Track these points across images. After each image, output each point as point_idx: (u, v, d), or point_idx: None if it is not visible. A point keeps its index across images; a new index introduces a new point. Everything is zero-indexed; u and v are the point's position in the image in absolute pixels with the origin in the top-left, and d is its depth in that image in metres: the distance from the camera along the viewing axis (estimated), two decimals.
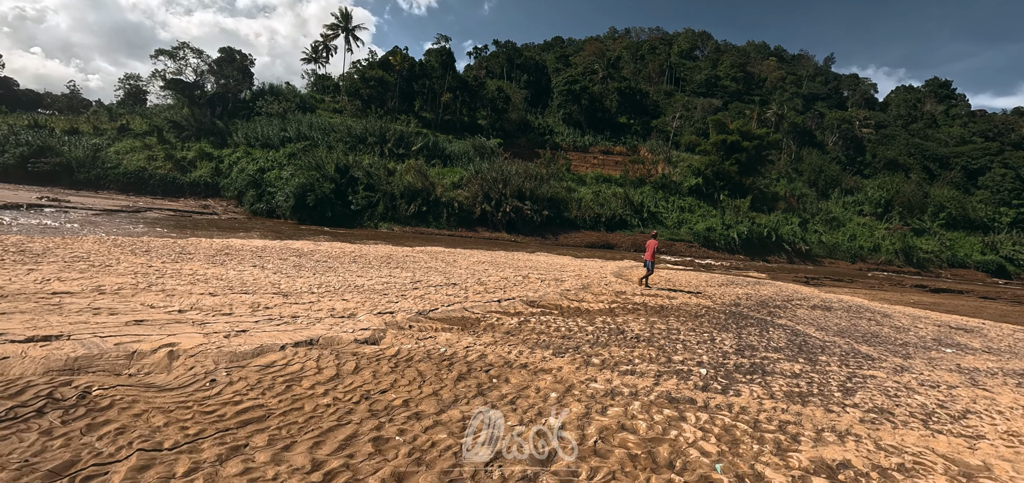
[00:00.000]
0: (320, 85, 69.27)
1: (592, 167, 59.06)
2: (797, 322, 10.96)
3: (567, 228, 44.27)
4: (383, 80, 60.05)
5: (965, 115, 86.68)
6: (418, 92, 65.71)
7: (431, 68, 66.60)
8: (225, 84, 52.12)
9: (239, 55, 53.97)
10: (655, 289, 15.04)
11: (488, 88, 67.22)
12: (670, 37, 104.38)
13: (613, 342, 7.71)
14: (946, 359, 8.84)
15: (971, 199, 65.94)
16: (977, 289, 38.73)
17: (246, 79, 54.26)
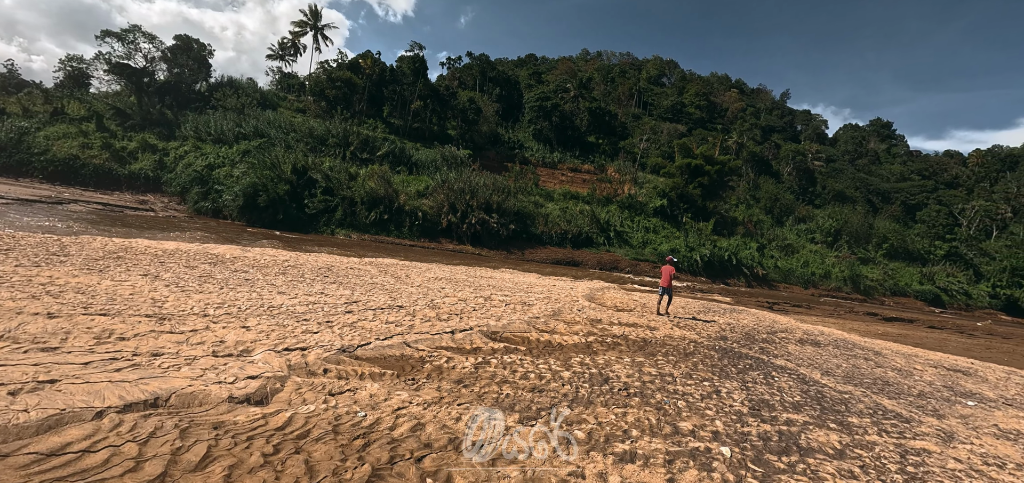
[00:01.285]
0: (285, 83, 65.40)
1: (560, 183, 57.79)
2: (797, 363, 9.34)
3: (534, 243, 42.49)
4: (351, 82, 57.03)
5: (904, 154, 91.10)
6: (388, 98, 62.98)
7: (402, 74, 64.10)
8: (179, 74, 47.86)
9: (197, 44, 49.79)
10: (675, 318, 13.40)
11: (460, 98, 65.24)
12: (640, 63, 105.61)
13: (598, 397, 5.72)
14: (977, 416, 7.32)
15: (910, 232, 68.54)
16: (920, 318, 39.30)
17: (203, 70, 50.12)
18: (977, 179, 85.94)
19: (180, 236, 20.44)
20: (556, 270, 33.84)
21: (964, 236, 68.87)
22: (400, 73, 64.14)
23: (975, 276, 60.81)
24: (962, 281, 59.52)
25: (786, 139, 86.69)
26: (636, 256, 45.04)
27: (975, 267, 62.12)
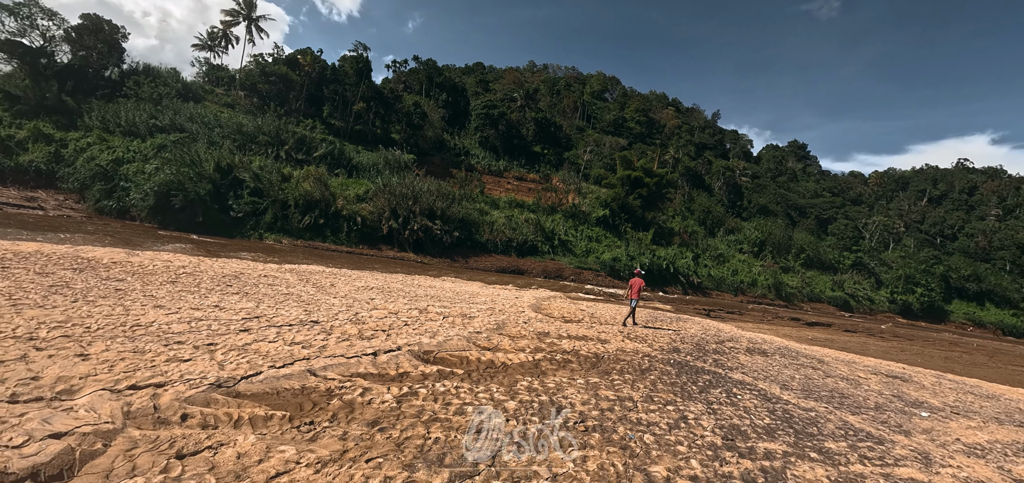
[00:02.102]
0: (213, 76, 59.97)
1: (506, 191, 56.99)
2: (754, 377, 8.74)
3: (478, 251, 41.20)
4: (288, 78, 53.17)
5: (817, 173, 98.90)
6: (328, 98, 59.44)
7: (345, 74, 60.81)
8: (85, 56, 42.15)
9: (108, 25, 44.18)
10: (641, 329, 12.92)
11: (405, 102, 62.91)
12: (584, 77, 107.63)
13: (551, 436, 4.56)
14: (937, 429, 6.92)
15: (822, 243, 73.91)
16: (835, 322, 41.90)
17: (114, 54, 44.44)
18: (876, 197, 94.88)
19: (57, 237, 17.24)
20: (501, 278, 32.75)
21: (867, 247, 75.33)
22: (342, 73, 60.82)
23: (876, 283, 66.48)
24: (866, 288, 64.89)
25: (717, 156, 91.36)
26: (580, 264, 44.94)
27: (876, 275, 67.96)
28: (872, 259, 71.59)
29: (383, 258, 34.72)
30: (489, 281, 27.57)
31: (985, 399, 10.26)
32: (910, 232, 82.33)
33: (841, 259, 70.56)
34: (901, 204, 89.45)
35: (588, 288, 37.16)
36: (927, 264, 67.62)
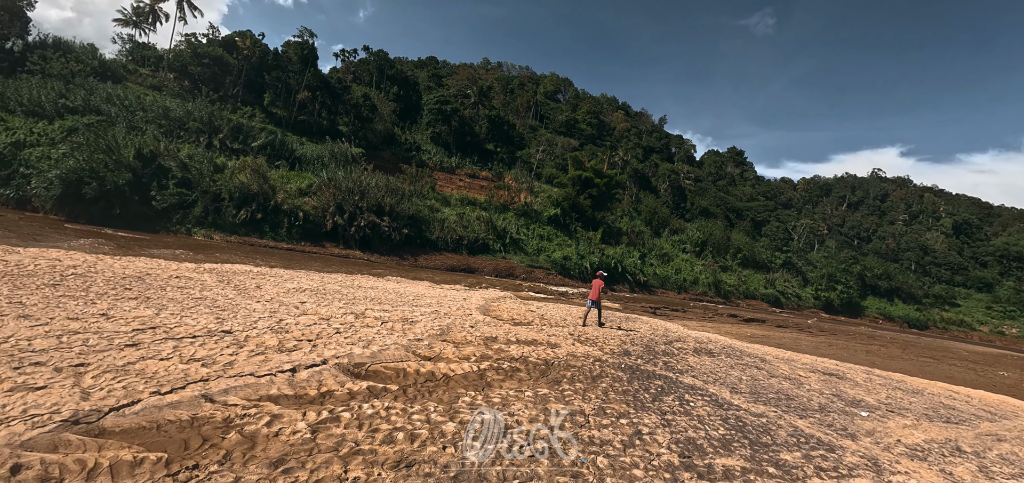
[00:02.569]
0: (138, 55, 54.58)
1: (458, 189, 55.96)
2: (704, 380, 8.57)
3: (428, 249, 40.02)
4: (224, 62, 49.29)
5: (753, 179, 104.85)
6: (270, 85, 55.84)
7: (288, 61, 57.38)
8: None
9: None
10: (591, 331, 12.49)
11: (354, 94, 60.29)
12: (538, 78, 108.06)
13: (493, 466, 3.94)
14: (878, 431, 6.93)
15: (757, 244, 78.31)
16: (768, 318, 44.29)
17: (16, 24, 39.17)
18: (804, 202, 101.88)
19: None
20: (451, 277, 31.86)
21: (795, 248, 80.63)
22: (286, 59, 57.36)
23: (803, 281, 71.24)
24: (795, 286, 69.37)
25: (663, 159, 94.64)
26: (531, 263, 44.79)
27: (803, 274, 72.83)
28: (800, 259, 76.71)
29: (326, 256, 32.86)
30: (438, 280, 26.67)
31: (911, 394, 10.71)
32: (832, 234, 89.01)
33: (773, 259, 75.02)
34: (825, 209, 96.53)
35: (540, 287, 37.00)
36: (846, 264, 73.24)
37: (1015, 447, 7.47)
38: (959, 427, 8.21)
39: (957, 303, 78.44)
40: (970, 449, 6.89)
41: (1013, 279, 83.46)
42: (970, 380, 21.74)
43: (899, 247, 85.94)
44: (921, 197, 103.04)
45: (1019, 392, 20.81)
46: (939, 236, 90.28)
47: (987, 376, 24.14)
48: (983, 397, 13.00)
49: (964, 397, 12.03)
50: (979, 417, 9.53)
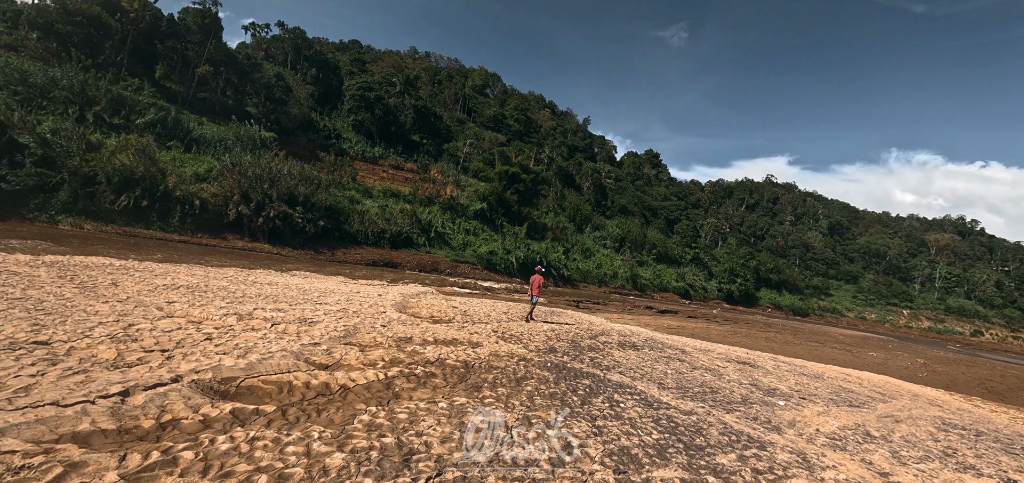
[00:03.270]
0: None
1: (381, 180, 53.39)
2: (632, 376, 8.47)
3: (348, 242, 37.62)
4: (103, 23, 42.42)
5: (667, 180, 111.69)
6: (163, 55, 49.19)
7: (186, 29, 50.97)
8: None
9: None
10: (516, 327, 12.06)
11: (265, 72, 55.11)
12: (466, 70, 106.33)
13: None
14: (798, 421, 7.21)
15: (670, 241, 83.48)
16: (680, 309, 47.36)
17: None
18: (710, 203, 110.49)
19: None
20: (371, 273, 30.09)
21: (702, 245, 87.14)
22: (183, 27, 50.91)
23: (709, 275, 77.22)
24: (701, 279, 74.97)
25: (586, 158, 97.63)
26: (456, 258, 43.86)
27: (708, 268, 78.91)
28: (706, 255, 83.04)
29: (227, 249, 29.59)
30: (356, 275, 24.95)
31: (815, 380, 11.50)
32: (733, 232, 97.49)
33: (683, 254, 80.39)
34: (727, 209, 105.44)
35: (466, 282, 36.22)
36: (744, 259, 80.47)
37: (911, 428, 8.12)
38: (862, 411, 8.83)
39: (831, 293, 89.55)
40: (878, 433, 7.39)
41: (873, 272, 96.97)
42: (850, 361, 24.47)
43: (787, 244, 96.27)
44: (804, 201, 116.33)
45: (888, 370, 23.71)
46: (818, 235, 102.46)
47: (861, 357, 27.41)
48: (870, 379, 14.44)
49: (856, 380, 13.23)
50: (874, 399, 10.41)
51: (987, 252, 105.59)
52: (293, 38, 70.34)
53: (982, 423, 10.16)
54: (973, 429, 9.20)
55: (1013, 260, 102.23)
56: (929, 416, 9.83)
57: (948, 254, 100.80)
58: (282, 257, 30.27)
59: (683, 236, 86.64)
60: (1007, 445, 8.23)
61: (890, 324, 79.43)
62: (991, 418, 11.33)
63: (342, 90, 67.92)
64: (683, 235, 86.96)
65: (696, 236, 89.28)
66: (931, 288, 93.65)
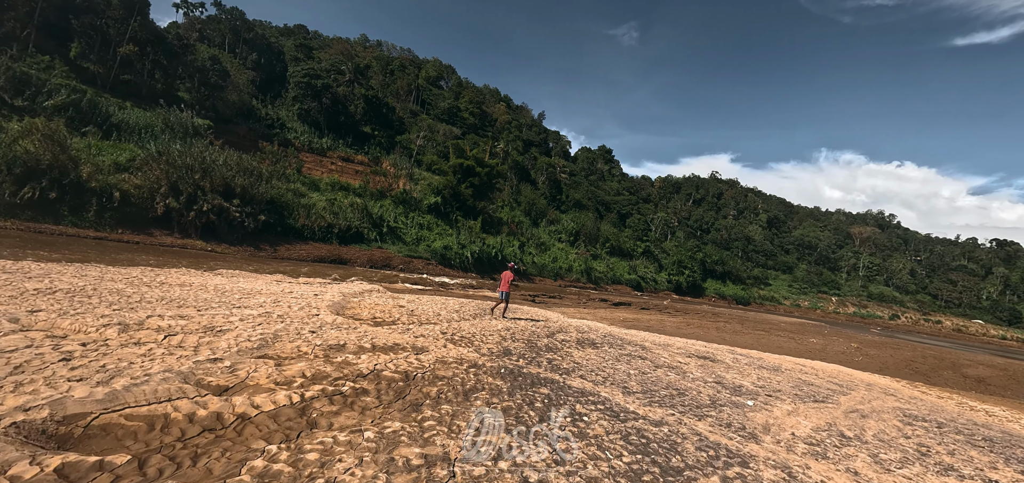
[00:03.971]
0: None
1: (329, 172, 50.79)
2: (594, 381, 7.88)
3: (292, 238, 35.40)
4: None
5: (619, 175, 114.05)
6: (79, 32, 44.16)
7: (106, 5, 46.04)
8: None
9: None
10: (468, 326, 11.34)
11: (199, 55, 50.83)
12: (420, 61, 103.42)
13: None
14: (771, 425, 6.93)
15: (622, 234, 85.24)
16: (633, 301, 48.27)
17: None
18: (660, 197, 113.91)
19: None
20: (318, 270, 28.36)
21: (653, 238, 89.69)
22: (103, 2, 45.96)
23: (659, 267, 79.53)
24: (652, 271, 77.07)
25: (541, 153, 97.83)
26: (410, 253, 42.44)
27: (659, 261, 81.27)
28: (656, 248, 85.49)
29: (153, 246, 26.95)
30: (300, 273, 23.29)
31: (774, 372, 11.52)
32: (681, 226, 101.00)
33: (635, 247, 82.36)
34: (676, 204, 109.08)
35: (419, 278, 34.98)
36: (692, 252, 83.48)
37: (879, 423, 8.12)
38: (827, 406, 8.79)
39: (769, 283, 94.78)
40: (851, 433, 7.22)
41: (806, 263, 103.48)
42: (795, 349, 25.54)
43: (730, 237, 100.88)
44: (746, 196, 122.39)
45: (829, 355, 24.91)
46: (758, 229, 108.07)
47: (804, 343, 28.75)
48: (823, 368, 14.83)
49: (811, 371, 13.47)
50: (833, 391, 10.51)
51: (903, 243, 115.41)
52: (231, 19, 65.53)
53: (938, 413, 10.48)
54: (933, 420, 9.38)
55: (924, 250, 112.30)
56: (889, 408, 9.98)
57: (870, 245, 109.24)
58: (217, 255, 27.92)
59: (635, 230, 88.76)
60: (969, 437, 8.41)
61: (821, 310, 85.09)
62: (942, 406, 11.81)
63: (286, 77, 64.05)
64: (635, 229, 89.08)
65: (647, 230, 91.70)
66: (856, 276, 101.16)
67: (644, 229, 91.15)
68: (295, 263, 30.93)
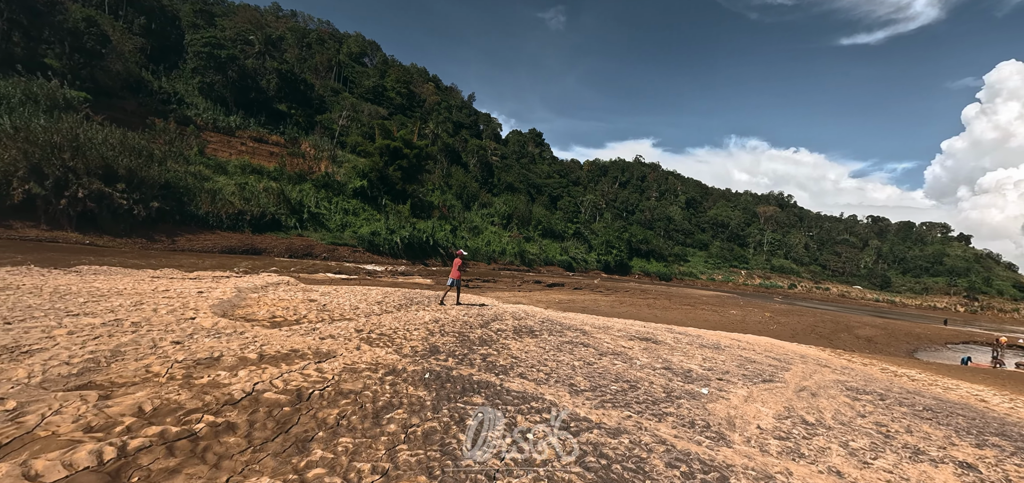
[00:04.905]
0: None
1: (239, 154, 46.17)
2: (536, 380, 6.98)
3: (195, 227, 31.73)
4: None
5: (550, 159, 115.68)
6: None
7: None
8: None
9: None
10: (390, 320, 10.11)
11: (71, 15, 43.44)
12: (341, 36, 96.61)
13: None
14: (734, 417, 6.55)
15: (554, 216, 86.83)
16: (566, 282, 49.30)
17: None
18: (588, 180, 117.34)
19: None
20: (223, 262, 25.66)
21: (583, 220, 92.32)
22: None
23: (589, 248, 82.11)
24: (582, 251, 79.40)
25: (472, 135, 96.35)
26: (334, 240, 39.91)
27: (588, 241, 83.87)
28: (586, 229, 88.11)
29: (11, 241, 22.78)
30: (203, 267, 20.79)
31: (715, 351, 11.69)
32: (609, 208, 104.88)
33: (566, 229, 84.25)
34: (603, 186, 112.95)
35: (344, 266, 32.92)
36: (619, 232, 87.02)
37: (830, 402, 8.03)
38: (776, 386, 8.71)
39: (688, 259, 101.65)
40: (812, 418, 6.92)
41: (719, 240, 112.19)
42: (722, 322, 27.19)
43: (653, 217, 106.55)
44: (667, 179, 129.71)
45: (749, 325, 26.73)
46: (677, 209, 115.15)
47: (726, 316, 30.80)
48: (756, 342, 15.54)
49: (747, 346, 13.96)
50: (775, 368, 10.66)
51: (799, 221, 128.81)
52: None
53: (872, 383, 10.81)
54: (874, 392, 9.55)
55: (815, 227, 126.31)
56: (829, 381, 10.11)
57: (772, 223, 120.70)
58: (96, 249, 24.22)
59: (565, 212, 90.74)
60: (912, 408, 8.54)
61: (732, 283, 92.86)
62: (872, 374, 12.43)
63: (184, 47, 56.93)
64: (565, 211, 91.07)
65: (577, 212, 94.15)
66: (761, 251, 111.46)
67: (574, 211, 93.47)
68: (198, 255, 27.75)
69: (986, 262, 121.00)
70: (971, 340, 34.60)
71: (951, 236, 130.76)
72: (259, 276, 15.97)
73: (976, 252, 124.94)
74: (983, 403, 10.46)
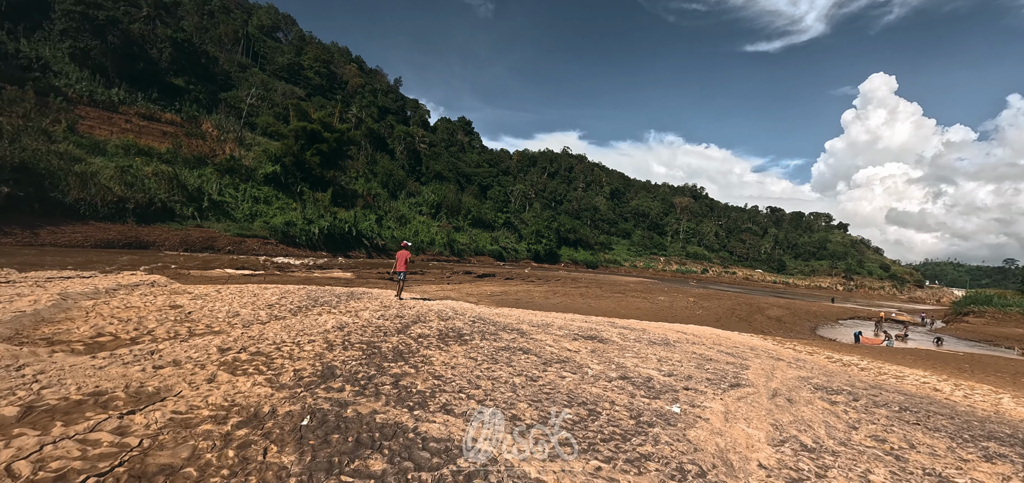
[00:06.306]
0: None
1: (123, 132, 40.20)
2: (465, 413, 5.16)
3: (62, 217, 27.06)
4: None
5: (479, 148, 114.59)
6: None
7: None
8: None
9: None
10: (272, 333, 8.00)
11: None
12: (250, 6, 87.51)
13: None
14: (727, 446, 5.23)
15: (484, 206, 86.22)
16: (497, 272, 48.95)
17: None
18: (518, 170, 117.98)
19: None
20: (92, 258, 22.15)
21: (513, 209, 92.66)
22: None
23: (519, 237, 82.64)
24: (513, 241, 79.72)
25: (399, 121, 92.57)
26: (241, 232, 36.21)
27: (518, 231, 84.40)
28: (516, 218, 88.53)
29: None
30: (49, 265, 17.56)
31: (667, 349, 10.88)
32: (538, 198, 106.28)
33: (496, 218, 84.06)
34: (533, 177, 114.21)
35: (252, 260, 29.86)
36: (548, 222, 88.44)
37: (810, 411, 7.08)
38: (747, 392, 7.70)
39: (612, 248, 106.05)
40: (808, 439, 5.87)
41: (640, 229, 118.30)
42: (653, 308, 28.02)
43: (580, 208, 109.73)
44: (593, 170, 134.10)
45: (678, 311, 27.80)
46: (602, 200, 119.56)
47: (656, 302, 31.94)
48: (702, 334, 15.39)
49: (695, 339, 13.35)
50: (735, 366, 9.86)
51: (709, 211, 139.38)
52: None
53: (834, 378, 10.34)
54: (844, 391, 9.00)
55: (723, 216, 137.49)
56: (794, 380, 9.33)
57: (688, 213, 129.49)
58: None
59: (495, 201, 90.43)
60: (889, 408, 7.99)
61: (653, 269, 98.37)
62: (827, 367, 12.19)
63: (50, 4, 48.36)
64: (495, 200, 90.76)
65: (507, 201, 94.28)
66: (677, 239, 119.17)
67: (504, 201, 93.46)
68: (66, 251, 23.67)
69: (859, 247, 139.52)
70: (855, 316, 39.33)
71: (833, 225, 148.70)
72: (118, 275, 13.38)
73: (852, 238, 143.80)
74: (938, 393, 10.65)
